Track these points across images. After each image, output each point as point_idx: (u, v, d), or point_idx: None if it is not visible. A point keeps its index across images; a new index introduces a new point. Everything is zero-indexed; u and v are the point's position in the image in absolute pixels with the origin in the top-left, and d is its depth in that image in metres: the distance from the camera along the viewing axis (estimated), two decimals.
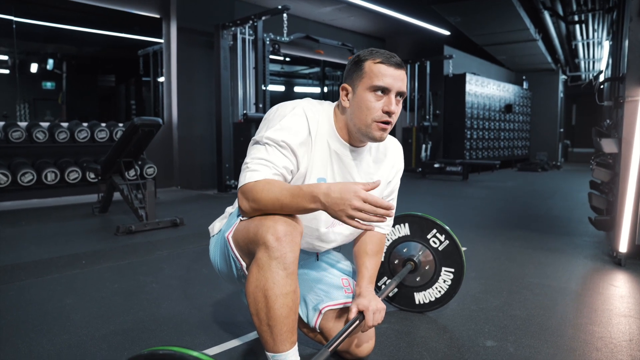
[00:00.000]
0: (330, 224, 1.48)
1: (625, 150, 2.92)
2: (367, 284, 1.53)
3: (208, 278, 2.61)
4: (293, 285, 1.24)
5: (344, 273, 1.68)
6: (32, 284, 2.51)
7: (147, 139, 3.93)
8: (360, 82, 1.35)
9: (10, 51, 6.22)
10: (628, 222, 2.87)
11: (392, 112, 1.33)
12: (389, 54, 1.35)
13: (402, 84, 1.35)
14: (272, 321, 1.23)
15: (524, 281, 2.55)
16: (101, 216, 4.48)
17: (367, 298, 1.48)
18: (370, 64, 1.34)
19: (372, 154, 1.53)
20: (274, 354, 1.26)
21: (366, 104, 1.33)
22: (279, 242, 1.20)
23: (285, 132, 1.32)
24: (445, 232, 2.01)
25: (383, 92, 1.33)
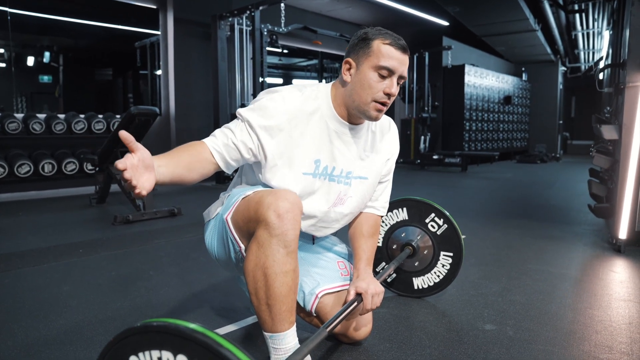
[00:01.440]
0: (332, 203, 1.46)
1: (626, 136, 2.90)
2: (365, 266, 1.52)
3: (206, 266, 2.59)
4: (293, 264, 1.24)
5: (340, 256, 1.67)
6: (29, 272, 2.50)
7: (144, 128, 3.90)
8: (366, 59, 1.34)
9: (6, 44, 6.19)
10: (628, 208, 2.85)
11: (392, 94, 1.35)
12: (397, 37, 1.36)
13: (405, 69, 1.37)
14: (271, 300, 1.22)
15: (524, 267, 2.54)
16: (99, 207, 4.46)
17: (365, 281, 1.46)
18: (379, 43, 1.33)
19: (370, 133, 1.52)
20: (272, 333, 1.26)
21: (369, 82, 1.33)
22: (280, 219, 1.19)
23: (254, 113, 1.33)
24: (443, 217, 1.99)
25: (387, 74, 1.33)
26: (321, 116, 1.40)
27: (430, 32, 9.72)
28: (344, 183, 1.45)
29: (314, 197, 1.42)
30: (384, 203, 1.66)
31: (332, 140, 1.41)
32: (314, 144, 1.38)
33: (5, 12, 5.85)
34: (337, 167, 1.43)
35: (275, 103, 1.34)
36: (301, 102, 1.37)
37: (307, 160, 1.37)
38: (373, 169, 1.51)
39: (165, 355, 0.73)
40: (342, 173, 1.44)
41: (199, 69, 6.90)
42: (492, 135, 11.12)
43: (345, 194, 1.46)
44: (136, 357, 0.76)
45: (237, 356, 0.67)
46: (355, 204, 1.51)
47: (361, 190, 1.50)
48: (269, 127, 1.33)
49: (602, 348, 1.58)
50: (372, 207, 1.62)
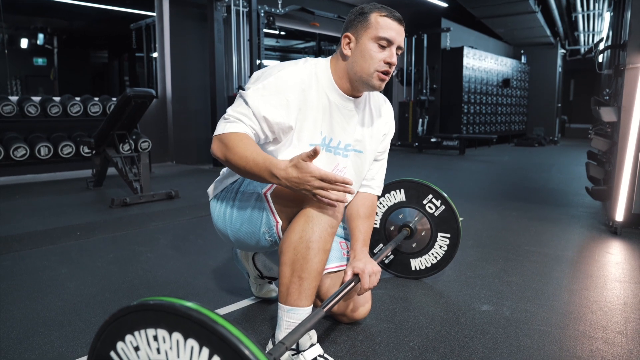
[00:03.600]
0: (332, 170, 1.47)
1: (625, 118, 2.89)
2: (362, 247, 1.53)
3: (203, 248, 2.60)
4: (331, 243, 1.30)
5: (341, 237, 1.66)
6: (27, 254, 2.49)
7: (140, 110, 3.87)
8: (365, 32, 1.38)
9: None
10: (625, 190, 2.86)
11: (393, 63, 1.39)
12: (392, 10, 1.41)
13: (402, 39, 1.41)
14: (306, 274, 1.25)
15: (521, 249, 2.55)
16: (96, 190, 4.45)
17: (362, 261, 1.47)
18: (377, 16, 1.38)
19: (368, 108, 1.54)
20: (293, 307, 1.27)
21: (370, 54, 1.37)
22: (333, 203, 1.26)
23: (262, 100, 1.32)
24: (441, 198, 1.99)
25: (386, 44, 1.37)
26: (322, 89, 1.41)
27: (428, 14, 9.62)
28: (342, 155, 1.47)
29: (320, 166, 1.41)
30: (380, 183, 1.66)
31: (333, 112, 1.43)
32: (317, 116, 1.40)
33: None
34: (334, 138, 1.45)
35: (279, 81, 1.34)
36: (303, 76, 1.38)
37: (315, 133, 1.40)
38: (369, 143, 1.53)
39: (160, 333, 0.73)
40: (339, 145, 1.46)
41: (195, 50, 6.83)
42: (490, 118, 11.09)
43: (345, 166, 1.49)
44: (132, 335, 0.76)
45: (232, 332, 0.67)
46: (351, 177, 1.51)
47: (357, 164, 1.52)
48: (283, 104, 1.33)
49: (597, 328, 1.59)
50: (368, 187, 1.63)
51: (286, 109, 1.34)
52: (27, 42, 8.45)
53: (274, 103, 1.32)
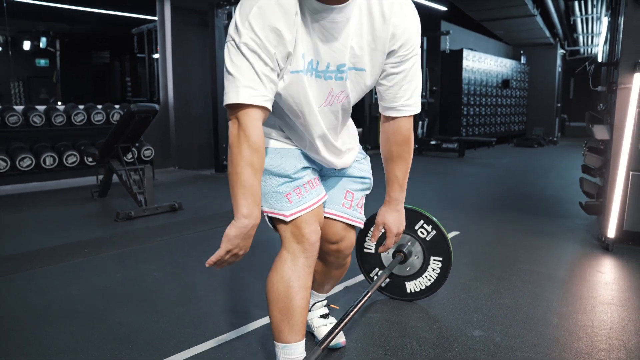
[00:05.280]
0: (323, 102, 1.30)
1: (617, 137, 2.96)
2: (398, 194, 1.52)
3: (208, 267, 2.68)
4: (310, 281, 1.38)
5: (352, 189, 1.58)
6: (37, 273, 2.59)
7: (143, 125, 3.95)
8: None
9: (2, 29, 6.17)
10: (617, 207, 2.94)
11: None
12: None
13: None
14: (291, 312, 1.33)
15: (514, 267, 2.63)
16: (100, 200, 4.54)
17: (393, 216, 1.53)
18: None
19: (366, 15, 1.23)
20: (285, 344, 1.35)
21: None
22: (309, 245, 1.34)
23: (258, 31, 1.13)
24: (432, 223, 2.07)
25: None
26: (300, 6, 1.17)
27: (428, 17, 9.65)
28: (336, 78, 1.26)
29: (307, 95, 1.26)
30: (407, 100, 1.35)
31: (313, 30, 1.19)
32: (304, 37, 1.20)
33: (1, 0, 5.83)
34: (321, 61, 1.23)
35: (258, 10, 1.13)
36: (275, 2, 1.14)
37: (296, 57, 1.21)
38: (369, 58, 1.27)
39: None
40: (329, 68, 1.24)
41: (197, 56, 6.90)
42: (490, 119, 11.15)
43: (343, 89, 1.29)
44: None
45: None
46: (355, 96, 1.35)
47: (359, 84, 1.31)
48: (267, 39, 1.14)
49: (582, 355, 1.68)
50: (391, 109, 1.37)
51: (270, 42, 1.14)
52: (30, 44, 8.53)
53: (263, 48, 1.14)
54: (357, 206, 1.58)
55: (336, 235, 1.55)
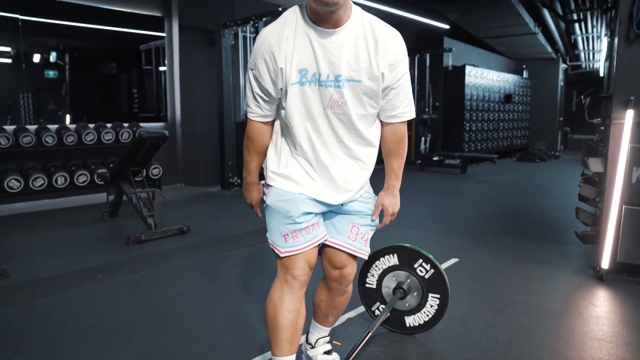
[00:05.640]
0: (326, 105, 1.57)
1: (610, 170, 3.08)
2: (394, 181, 1.79)
3: (216, 293, 2.80)
4: (297, 306, 1.63)
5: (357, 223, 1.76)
6: (55, 300, 2.71)
7: (154, 150, 4.09)
8: None
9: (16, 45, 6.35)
10: (610, 239, 3.04)
11: None
12: None
13: None
14: (276, 329, 1.61)
15: (510, 298, 2.74)
16: (111, 221, 4.67)
17: (389, 198, 1.79)
18: None
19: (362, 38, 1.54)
20: (274, 357, 1.63)
21: None
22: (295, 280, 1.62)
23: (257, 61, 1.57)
24: (430, 262, 2.19)
25: None
26: (302, 30, 1.52)
27: (431, 33, 9.80)
28: (334, 87, 1.54)
29: (310, 102, 1.57)
30: (403, 109, 1.66)
31: (315, 48, 1.51)
32: (299, 57, 1.53)
33: (17, 19, 6.02)
34: (322, 73, 1.52)
35: (262, 42, 1.55)
36: (275, 27, 1.55)
37: (294, 72, 1.54)
38: (366, 72, 1.54)
39: None
40: (329, 78, 1.53)
41: (203, 75, 7.05)
42: (492, 134, 11.27)
43: (341, 96, 1.56)
44: None
45: None
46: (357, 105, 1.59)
47: (356, 92, 1.57)
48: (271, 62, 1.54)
49: None
50: (391, 117, 1.67)
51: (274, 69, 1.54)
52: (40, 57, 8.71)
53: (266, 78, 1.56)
54: (361, 239, 1.77)
55: (340, 263, 1.77)
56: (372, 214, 1.78)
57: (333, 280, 1.80)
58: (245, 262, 3.43)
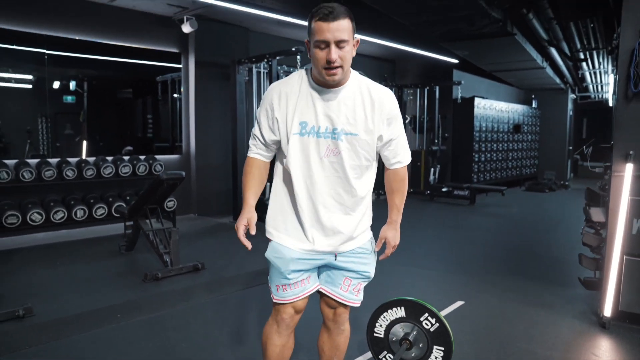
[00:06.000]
0: (323, 154, 1.78)
1: (611, 221, 3.19)
2: (396, 215, 1.99)
3: (231, 335, 2.93)
4: (283, 342, 1.95)
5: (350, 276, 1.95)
6: (78, 340, 2.86)
7: (171, 189, 4.27)
8: (310, 38, 1.68)
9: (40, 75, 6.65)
10: (612, 288, 3.13)
11: (332, 60, 1.63)
12: (328, 9, 1.61)
13: (340, 34, 1.62)
14: (266, 355, 1.97)
15: (513, 347, 2.83)
16: (127, 255, 4.84)
17: (391, 231, 1.97)
18: (314, 22, 1.64)
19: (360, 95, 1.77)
20: None
21: (315, 57, 1.67)
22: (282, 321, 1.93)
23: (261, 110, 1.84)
24: (435, 316, 2.30)
25: (324, 46, 1.63)
26: (305, 88, 1.76)
27: (441, 65, 10.00)
28: (331, 137, 1.75)
29: (309, 151, 1.78)
30: (402, 157, 1.92)
31: (316, 105, 1.75)
32: (301, 110, 1.76)
33: (44, 54, 6.34)
34: (322, 126, 1.75)
35: (267, 95, 1.82)
36: (282, 82, 1.82)
37: (295, 124, 1.76)
38: (362, 126, 1.76)
39: None
40: (327, 130, 1.75)
41: (217, 108, 7.29)
42: (501, 164, 11.36)
43: (336, 147, 1.76)
44: None
45: None
46: (352, 156, 1.79)
47: (353, 145, 1.78)
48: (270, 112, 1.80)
49: None
50: (395, 163, 1.92)
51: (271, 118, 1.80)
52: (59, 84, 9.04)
53: (264, 124, 1.83)
54: (353, 290, 1.97)
55: (334, 305, 2.00)
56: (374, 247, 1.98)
57: (329, 320, 2.03)
58: (258, 301, 3.55)
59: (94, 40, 6.39)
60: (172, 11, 6.50)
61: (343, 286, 1.94)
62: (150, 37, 6.78)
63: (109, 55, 7.11)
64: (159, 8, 6.38)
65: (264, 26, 7.38)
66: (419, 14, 5.60)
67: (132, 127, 9.43)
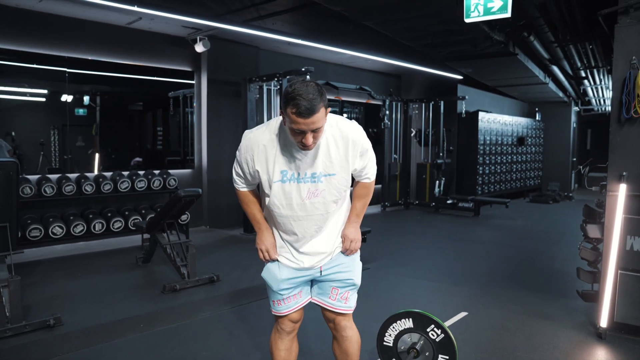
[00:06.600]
0: (305, 197, 1.97)
1: (607, 237, 3.37)
2: (354, 218, 2.17)
3: (249, 344, 3.13)
4: (287, 346, 2.21)
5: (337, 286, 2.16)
6: (103, 349, 3.07)
7: (187, 206, 4.49)
8: (285, 118, 1.82)
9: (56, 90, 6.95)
10: (608, 301, 3.31)
11: (307, 145, 1.82)
12: (304, 106, 1.73)
13: (315, 125, 1.78)
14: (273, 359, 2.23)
15: (513, 356, 3.01)
16: (144, 267, 5.05)
17: (349, 229, 2.15)
18: (290, 111, 1.75)
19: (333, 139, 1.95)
20: None
21: (290, 134, 1.85)
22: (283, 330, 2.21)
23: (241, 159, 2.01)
24: (441, 327, 2.49)
25: (300, 131, 1.79)
26: (283, 138, 1.92)
27: (445, 80, 10.23)
28: (311, 181, 1.94)
29: (291, 195, 1.97)
30: (370, 174, 2.13)
31: (294, 154, 1.92)
32: (281, 160, 1.93)
33: (64, 72, 6.65)
34: (301, 172, 1.93)
35: (246, 147, 1.97)
36: (259, 134, 1.96)
37: (276, 173, 1.95)
38: (339, 165, 1.96)
39: None
40: (307, 175, 1.94)
41: (228, 125, 7.53)
42: (506, 176, 11.53)
43: (317, 189, 1.96)
44: None
45: None
46: (333, 193, 2.00)
47: (332, 184, 1.98)
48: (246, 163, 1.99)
49: None
50: (363, 177, 2.12)
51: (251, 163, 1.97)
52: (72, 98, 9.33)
53: (246, 171, 2.01)
54: (341, 298, 2.17)
55: (331, 316, 2.21)
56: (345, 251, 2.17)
57: (332, 329, 2.25)
58: None
59: (111, 61, 6.66)
60: (186, 32, 6.78)
61: (332, 295, 2.16)
62: (165, 56, 7.05)
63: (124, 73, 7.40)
64: (173, 29, 6.65)
65: (274, 45, 7.64)
66: (425, 38, 5.85)
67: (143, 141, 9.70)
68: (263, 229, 2.13)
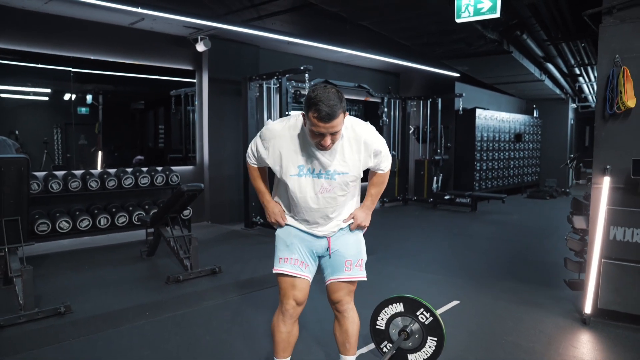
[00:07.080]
0: (317, 191, 2.14)
1: (591, 228, 3.53)
2: (369, 202, 2.35)
3: (250, 332, 3.29)
4: (288, 328, 2.31)
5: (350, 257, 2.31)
6: (112, 334, 3.23)
7: (190, 200, 4.65)
8: (306, 121, 1.99)
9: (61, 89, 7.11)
10: (592, 288, 3.47)
11: (326, 146, 1.99)
12: (325, 111, 1.88)
13: (333, 129, 1.94)
14: (274, 340, 2.35)
15: (500, 340, 3.17)
16: (149, 260, 5.22)
17: (361, 210, 2.32)
18: (311, 115, 1.91)
19: (347, 140, 2.10)
20: (274, 357, 2.36)
21: (310, 135, 2.00)
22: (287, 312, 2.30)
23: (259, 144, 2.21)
24: (430, 311, 2.66)
25: (320, 134, 1.95)
26: (302, 135, 2.08)
27: (443, 77, 10.36)
28: (325, 177, 2.10)
29: (306, 188, 2.14)
30: (385, 166, 2.28)
31: (312, 151, 2.07)
32: (297, 154, 2.10)
33: (69, 71, 6.80)
34: (316, 168, 2.10)
35: (267, 134, 2.15)
36: (282, 128, 2.12)
37: (292, 167, 2.12)
38: (352, 165, 2.12)
39: None
40: (321, 172, 2.10)
41: (230, 121, 7.69)
42: (503, 172, 11.68)
43: (330, 184, 2.12)
44: None
45: None
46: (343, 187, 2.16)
47: (345, 181, 2.13)
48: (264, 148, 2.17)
49: None
50: (378, 169, 2.29)
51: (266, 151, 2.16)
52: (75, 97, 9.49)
53: (262, 155, 2.19)
54: (355, 266, 2.33)
55: (338, 286, 2.34)
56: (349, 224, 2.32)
57: (335, 310, 2.39)
58: (271, 301, 3.89)
59: (114, 60, 6.81)
60: (187, 32, 6.93)
61: (346, 267, 2.31)
62: (166, 56, 7.21)
63: (127, 72, 7.56)
64: (175, 29, 6.80)
65: (274, 44, 7.79)
66: (420, 37, 6.00)
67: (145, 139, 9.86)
68: (268, 200, 2.34)
